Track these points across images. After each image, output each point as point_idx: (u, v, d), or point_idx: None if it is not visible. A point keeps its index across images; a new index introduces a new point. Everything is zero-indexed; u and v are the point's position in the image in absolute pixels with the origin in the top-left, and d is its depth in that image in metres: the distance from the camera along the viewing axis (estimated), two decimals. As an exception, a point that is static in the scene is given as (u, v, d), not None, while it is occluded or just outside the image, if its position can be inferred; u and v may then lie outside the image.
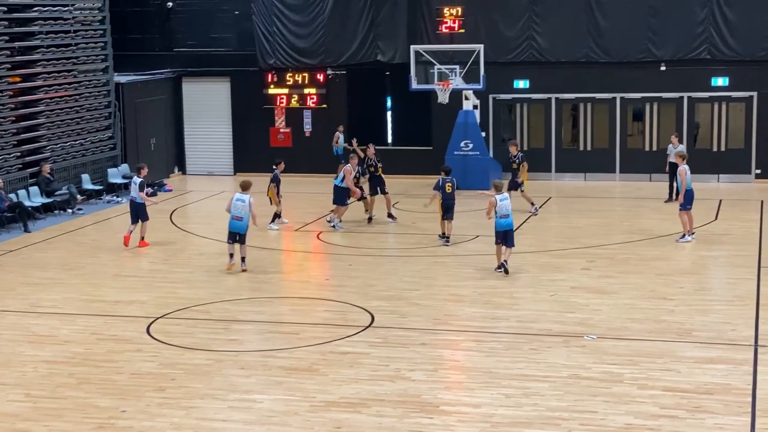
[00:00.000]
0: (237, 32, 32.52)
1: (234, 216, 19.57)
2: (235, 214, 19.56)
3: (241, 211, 19.52)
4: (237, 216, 19.54)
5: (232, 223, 19.59)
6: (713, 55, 29.23)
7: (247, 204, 19.52)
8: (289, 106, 32.30)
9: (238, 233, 19.54)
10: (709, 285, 18.80)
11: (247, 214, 19.50)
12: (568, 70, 30.25)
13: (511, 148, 25.43)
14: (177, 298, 17.87)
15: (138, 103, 31.33)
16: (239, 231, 19.52)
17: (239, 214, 19.53)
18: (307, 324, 16.22)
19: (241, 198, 19.63)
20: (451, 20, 30.03)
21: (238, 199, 19.63)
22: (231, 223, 19.60)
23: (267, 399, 12.90)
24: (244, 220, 19.52)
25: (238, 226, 19.53)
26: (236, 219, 19.54)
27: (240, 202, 19.58)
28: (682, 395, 12.69)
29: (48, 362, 14.52)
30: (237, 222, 19.54)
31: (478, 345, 15.01)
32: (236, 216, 19.55)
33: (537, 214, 24.76)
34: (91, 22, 29.64)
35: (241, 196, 19.65)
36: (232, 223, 19.58)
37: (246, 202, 19.53)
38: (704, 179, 29.30)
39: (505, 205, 18.99)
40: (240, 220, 19.52)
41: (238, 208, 19.57)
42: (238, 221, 19.53)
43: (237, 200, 19.64)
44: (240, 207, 19.55)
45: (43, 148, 27.28)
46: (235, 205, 19.62)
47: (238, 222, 19.53)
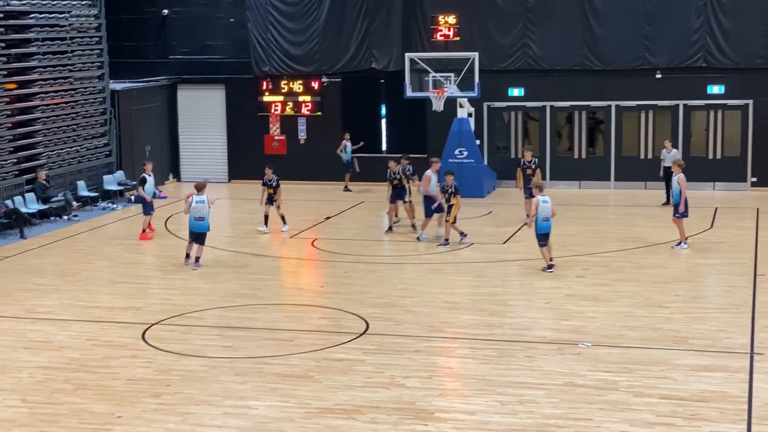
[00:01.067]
0: (232, 40, 32.56)
1: (196, 217, 20.40)
2: (197, 215, 20.40)
3: (202, 212, 20.39)
4: (199, 217, 20.40)
5: (194, 224, 20.45)
6: (709, 62, 29.31)
7: (206, 203, 20.48)
8: (283, 114, 32.33)
9: (200, 233, 20.43)
10: (705, 293, 18.82)
11: (208, 213, 20.47)
12: (563, 78, 30.31)
13: (525, 154, 25.12)
14: (172, 305, 17.86)
15: (133, 110, 31.34)
16: (202, 230, 20.42)
17: (201, 215, 20.38)
18: (302, 331, 16.22)
19: (200, 199, 20.48)
20: (445, 28, 30.07)
21: (198, 201, 20.47)
22: (193, 224, 20.47)
23: (262, 405, 12.90)
24: (206, 220, 20.43)
25: (201, 226, 20.43)
26: (198, 219, 20.41)
27: (200, 203, 20.44)
28: (678, 403, 12.70)
29: (44, 368, 14.49)
30: (200, 222, 20.42)
31: (473, 352, 15.01)
32: (198, 217, 20.40)
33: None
34: (87, 29, 29.66)
35: (200, 197, 20.49)
36: (195, 224, 20.44)
37: (205, 202, 20.49)
38: (700, 187, 29.39)
39: (547, 207, 19.56)
40: (202, 220, 20.41)
41: (198, 210, 20.40)
42: (200, 222, 20.41)
43: (197, 202, 20.45)
44: (200, 208, 20.40)
45: (39, 154, 27.26)
46: (196, 207, 20.42)
47: (201, 222, 20.42)
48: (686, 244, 21.55)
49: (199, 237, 20.48)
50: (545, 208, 19.61)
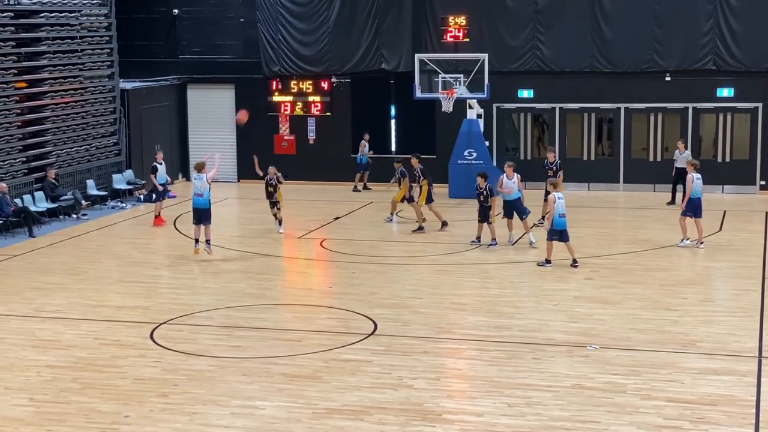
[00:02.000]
0: (242, 39, 32.60)
1: (195, 193, 21.25)
2: (196, 191, 21.23)
3: (200, 188, 21.11)
4: (198, 193, 21.17)
5: (194, 200, 21.33)
6: (718, 65, 29.26)
7: (204, 180, 21.11)
8: (293, 114, 32.36)
9: (200, 209, 21.11)
10: (713, 296, 18.78)
11: (207, 189, 21.10)
12: (572, 80, 30.28)
13: (548, 155, 25.10)
14: (180, 304, 17.88)
15: (143, 110, 31.40)
16: (201, 206, 21.10)
17: (199, 191, 21.14)
18: (310, 331, 16.23)
19: (198, 177, 21.25)
20: (455, 29, 30.07)
21: (196, 178, 21.36)
22: (194, 201, 21.35)
23: (269, 406, 12.91)
24: (205, 196, 21.07)
25: (199, 201, 21.14)
26: (197, 195, 21.18)
27: (198, 180, 21.23)
28: (686, 406, 12.68)
29: (52, 367, 14.53)
30: (198, 198, 21.17)
31: (481, 354, 15.01)
32: (197, 193, 21.19)
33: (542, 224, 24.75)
34: (97, 28, 29.73)
35: (198, 175, 21.27)
36: (195, 200, 21.29)
37: (203, 179, 21.13)
38: (709, 190, 29.23)
39: (562, 204, 20.21)
40: (201, 197, 21.10)
41: (197, 186, 21.24)
42: (199, 197, 21.16)
43: (195, 179, 21.43)
44: (199, 185, 21.17)
45: (48, 153, 27.34)
46: (194, 183, 21.42)
47: (199, 198, 21.14)
48: (689, 242, 21.97)
49: (201, 215, 21.13)
50: (561, 204, 20.15)
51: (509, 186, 22.31)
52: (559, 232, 20.21)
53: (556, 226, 20.19)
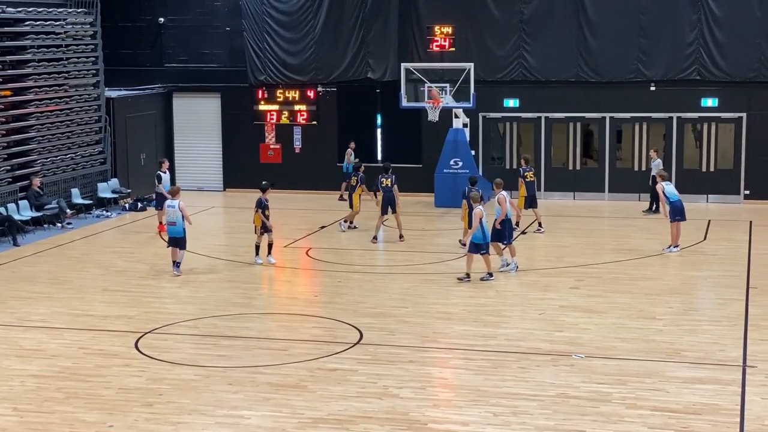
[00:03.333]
0: (228, 48, 32.59)
1: (168, 222, 20.95)
2: (169, 220, 20.86)
3: (173, 216, 20.65)
4: (170, 221, 20.78)
5: (167, 228, 21.10)
6: (703, 75, 29.40)
7: (177, 208, 20.56)
8: (279, 123, 32.34)
9: (172, 238, 20.78)
10: (698, 305, 18.83)
11: (180, 218, 20.58)
12: (557, 90, 30.38)
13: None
14: (165, 313, 17.84)
15: (128, 118, 31.33)
16: (173, 235, 20.74)
17: (172, 219, 20.69)
18: (296, 340, 16.21)
19: (171, 204, 20.75)
20: (441, 38, 30.13)
21: (170, 205, 20.83)
22: (167, 229, 21.14)
23: (255, 415, 12.88)
24: (178, 224, 20.59)
25: (173, 230, 20.73)
26: (170, 224, 20.79)
27: (171, 208, 20.74)
28: (671, 415, 12.71)
29: (35, 376, 14.46)
30: (171, 227, 20.78)
31: (467, 363, 15.01)
32: (170, 222, 20.81)
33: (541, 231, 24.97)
34: (82, 36, 29.66)
35: (172, 202, 20.76)
36: (168, 228, 21.06)
37: (176, 206, 20.61)
38: (693, 199, 29.46)
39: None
40: (174, 225, 20.66)
41: (170, 214, 20.79)
42: (171, 226, 20.75)
43: (168, 206, 20.89)
44: (172, 212, 20.70)
45: (33, 161, 27.23)
46: (167, 211, 20.97)
47: (173, 227, 20.72)
48: (676, 249, 22.17)
49: (175, 242, 20.78)
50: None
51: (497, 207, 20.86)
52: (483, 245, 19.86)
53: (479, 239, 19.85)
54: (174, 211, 20.67)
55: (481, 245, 19.78)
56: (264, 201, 21.60)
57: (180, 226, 20.66)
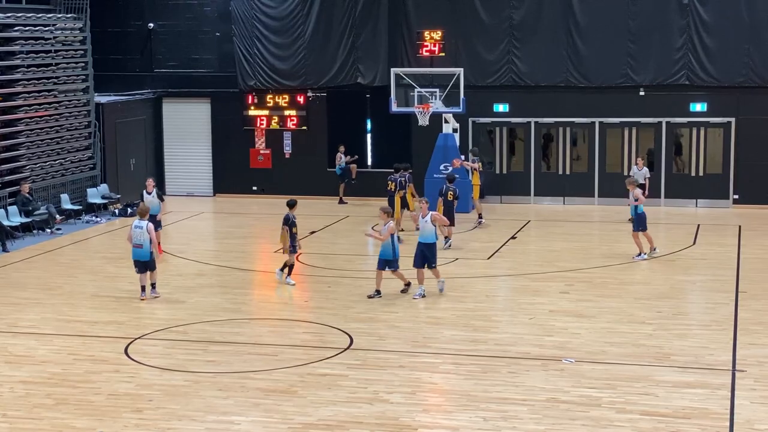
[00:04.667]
0: (218, 54, 32.58)
1: (135, 244, 19.20)
2: (136, 242, 19.17)
3: (140, 238, 19.08)
4: (137, 243, 19.15)
5: (134, 251, 19.28)
6: (692, 80, 29.49)
7: (145, 230, 19.06)
8: (269, 128, 32.33)
9: (138, 261, 19.17)
10: (687, 309, 18.87)
11: (147, 241, 19.07)
12: (547, 95, 30.44)
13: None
14: (155, 319, 17.81)
15: (118, 124, 31.29)
16: (142, 258, 19.13)
17: (139, 242, 19.11)
18: (286, 346, 16.19)
19: (139, 225, 19.19)
20: (431, 44, 30.16)
21: (137, 226, 19.22)
22: (133, 252, 19.30)
23: (245, 421, 12.86)
24: (145, 247, 19.08)
25: (140, 253, 19.14)
26: (137, 247, 19.17)
27: (138, 229, 19.15)
28: (660, 419, 12.73)
29: (25, 382, 14.42)
30: (138, 250, 19.16)
31: (457, 368, 15.02)
32: (136, 244, 19.16)
33: None
34: (72, 42, 29.63)
35: (139, 223, 19.22)
36: (134, 251, 19.25)
37: (144, 228, 19.09)
38: (682, 204, 29.59)
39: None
40: (140, 248, 19.11)
41: (137, 236, 19.15)
42: (138, 249, 19.15)
43: (135, 227, 19.23)
44: (139, 234, 19.11)
45: (22, 167, 27.18)
46: (135, 233, 19.21)
47: (139, 250, 19.13)
48: (646, 255, 22.29)
49: (143, 266, 19.21)
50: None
51: (422, 225, 19.51)
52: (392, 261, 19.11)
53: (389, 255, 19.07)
54: (141, 232, 19.07)
55: (390, 261, 19.05)
56: (291, 217, 20.27)
57: (147, 249, 19.09)
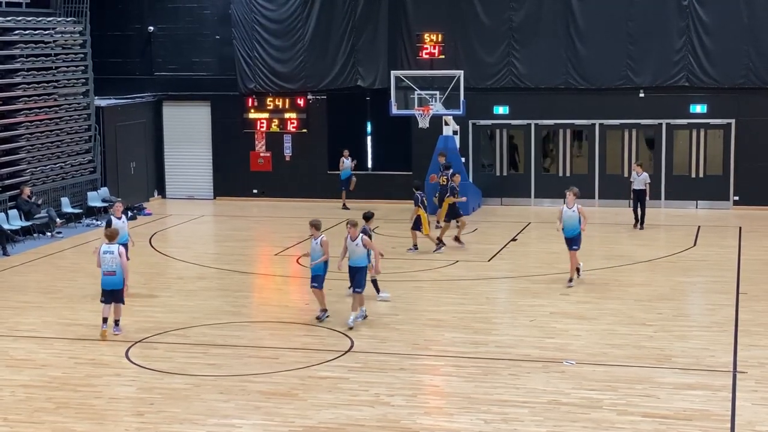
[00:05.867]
0: (218, 57, 32.59)
1: (106, 271, 16.75)
2: (106, 270, 16.73)
3: (112, 265, 16.71)
4: (109, 271, 16.72)
5: (104, 280, 16.80)
6: (691, 82, 29.49)
7: (117, 255, 16.73)
8: (269, 131, 32.34)
9: (113, 290, 16.77)
10: (688, 311, 18.87)
11: (119, 267, 16.75)
12: (547, 97, 30.44)
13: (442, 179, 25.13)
14: (156, 322, 17.80)
15: (118, 127, 31.30)
16: (115, 287, 16.74)
17: (111, 268, 16.71)
18: (287, 348, 16.19)
19: (109, 250, 16.79)
20: (431, 46, 30.17)
21: (106, 251, 16.79)
22: (103, 280, 16.81)
23: (246, 424, 12.85)
24: (118, 274, 16.75)
25: (112, 281, 16.74)
26: (109, 274, 16.72)
27: (109, 254, 16.74)
28: (661, 421, 12.73)
29: (25, 386, 14.41)
30: (110, 278, 16.73)
31: (458, 370, 15.01)
32: (108, 271, 16.72)
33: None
34: (72, 45, 29.64)
35: (109, 247, 16.82)
36: (105, 279, 16.78)
37: (115, 253, 16.75)
38: (682, 205, 29.58)
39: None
40: (113, 275, 16.72)
41: (107, 262, 16.71)
42: (111, 276, 16.72)
43: (105, 253, 16.78)
44: (110, 260, 16.70)
45: (23, 170, 27.18)
46: (104, 258, 16.75)
47: (112, 277, 16.72)
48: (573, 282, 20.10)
49: (112, 296, 16.79)
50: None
51: (352, 248, 17.67)
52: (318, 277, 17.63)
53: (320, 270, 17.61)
54: (113, 258, 16.69)
55: (317, 277, 17.56)
56: (369, 230, 18.70)
57: (120, 277, 16.79)
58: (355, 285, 17.47)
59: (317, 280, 17.61)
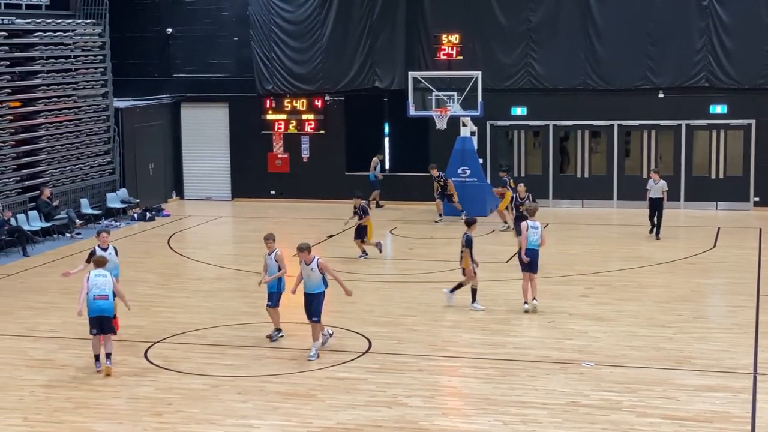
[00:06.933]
0: (236, 58, 32.66)
1: (96, 295, 14.99)
2: (98, 293, 15.01)
3: (104, 288, 15.05)
4: (100, 295, 15.00)
5: (94, 305, 14.97)
6: (711, 82, 29.36)
7: (110, 279, 15.23)
8: (287, 132, 32.38)
9: (104, 317, 15.05)
10: (708, 312, 18.78)
11: (112, 291, 15.18)
12: (565, 97, 30.36)
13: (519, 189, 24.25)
14: (174, 323, 17.84)
15: (137, 128, 31.42)
16: (106, 313, 15.06)
17: (103, 292, 15.03)
18: (305, 349, 16.17)
19: (100, 273, 15.21)
20: (449, 47, 30.14)
21: (98, 275, 15.16)
22: (93, 306, 14.98)
23: (264, 424, 12.86)
24: (110, 299, 15.11)
25: (102, 307, 15.01)
26: (100, 298, 14.99)
27: (101, 277, 15.12)
28: (681, 423, 12.66)
29: (45, 386, 14.47)
30: (101, 303, 14.99)
31: (476, 371, 14.98)
32: (99, 295, 15.00)
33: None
34: (91, 47, 29.78)
35: (99, 272, 15.27)
36: (95, 304, 14.97)
37: (108, 277, 15.22)
38: (702, 207, 29.43)
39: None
40: (105, 299, 15.03)
41: (99, 285, 15.05)
42: (102, 300, 15.00)
43: (96, 276, 15.12)
44: (102, 283, 15.06)
45: (42, 172, 27.31)
46: (95, 282, 15.05)
47: (103, 302, 15.00)
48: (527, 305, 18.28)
49: (103, 323, 15.07)
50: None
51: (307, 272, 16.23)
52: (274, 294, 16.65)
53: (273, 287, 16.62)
54: (105, 281, 15.10)
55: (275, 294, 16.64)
56: (470, 237, 18.20)
57: (111, 302, 15.19)
58: (312, 314, 15.75)
59: (272, 298, 16.57)
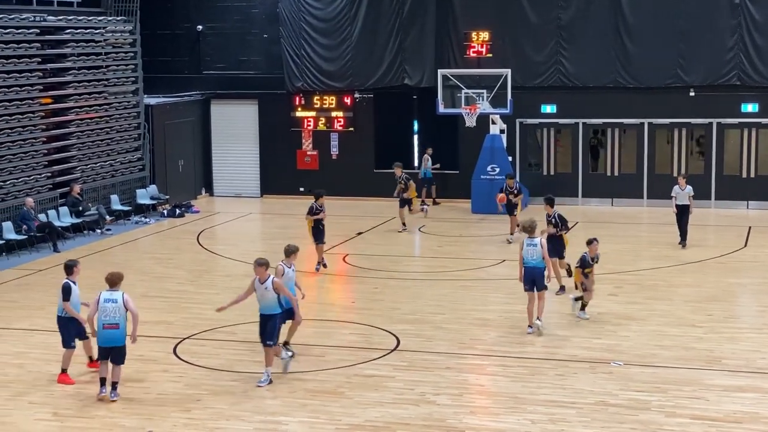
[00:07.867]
0: (265, 55, 32.74)
1: (106, 324, 13.77)
2: (107, 322, 13.76)
3: (114, 316, 13.77)
4: (110, 324, 13.75)
5: (103, 334, 13.82)
6: (743, 81, 29.12)
7: (121, 304, 13.83)
8: (316, 129, 32.43)
9: (112, 348, 13.82)
10: (738, 312, 18.64)
11: (124, 319, 13.86)
12: (595, 95, 30.22)
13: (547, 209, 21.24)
14: (203, 319, 17.92)
15: (167, 125, 31.56)
16: (115, 344, 13.81)
17: (113, 321, 13.76)
18: (333, 346, 16.22)
19: (111, 298, 13.85)
20: (478, 45, 30.09)
21: (107, 299, 13.84)
22: (102, 335, 13.84)
23: (292, 421, 12.90)
24: (121, 328, 13.82)
25: (113, 337, 13.79)
26: (109, 327, 13.75)
27: (111, 303, 13.81)
28: (711, 423, 12.58)
29: (75, 381, 14.57)
30: (111, 332, 13.76)
31: (504, 370, 14.96)
32: (109, 324, 13.75)
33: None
34: (122, 44, 29.94)
35: (111, 294, 13.90)
36: (104, 334, 13.80)
37: (119, 301, 13.83)
38: (733, 206, 29.19)
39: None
40: (115, 328, 13.78)
41: (109, 313, 13.76)
42: (112, 330, 13.76)
43: (106, 302, 13.82)
44: (112, 310, 13.78)
45: (73, 168, 27.50)
46: (104, 308, 13.78)
47: (113, 332, 13.77)
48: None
49: (109, 354, 13.85)
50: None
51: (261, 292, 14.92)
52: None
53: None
54: (116, 308, 13.78)
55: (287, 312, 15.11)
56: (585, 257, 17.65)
57: (122, 330, 13.84)
58: (267, 337, 14.37)
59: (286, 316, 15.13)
